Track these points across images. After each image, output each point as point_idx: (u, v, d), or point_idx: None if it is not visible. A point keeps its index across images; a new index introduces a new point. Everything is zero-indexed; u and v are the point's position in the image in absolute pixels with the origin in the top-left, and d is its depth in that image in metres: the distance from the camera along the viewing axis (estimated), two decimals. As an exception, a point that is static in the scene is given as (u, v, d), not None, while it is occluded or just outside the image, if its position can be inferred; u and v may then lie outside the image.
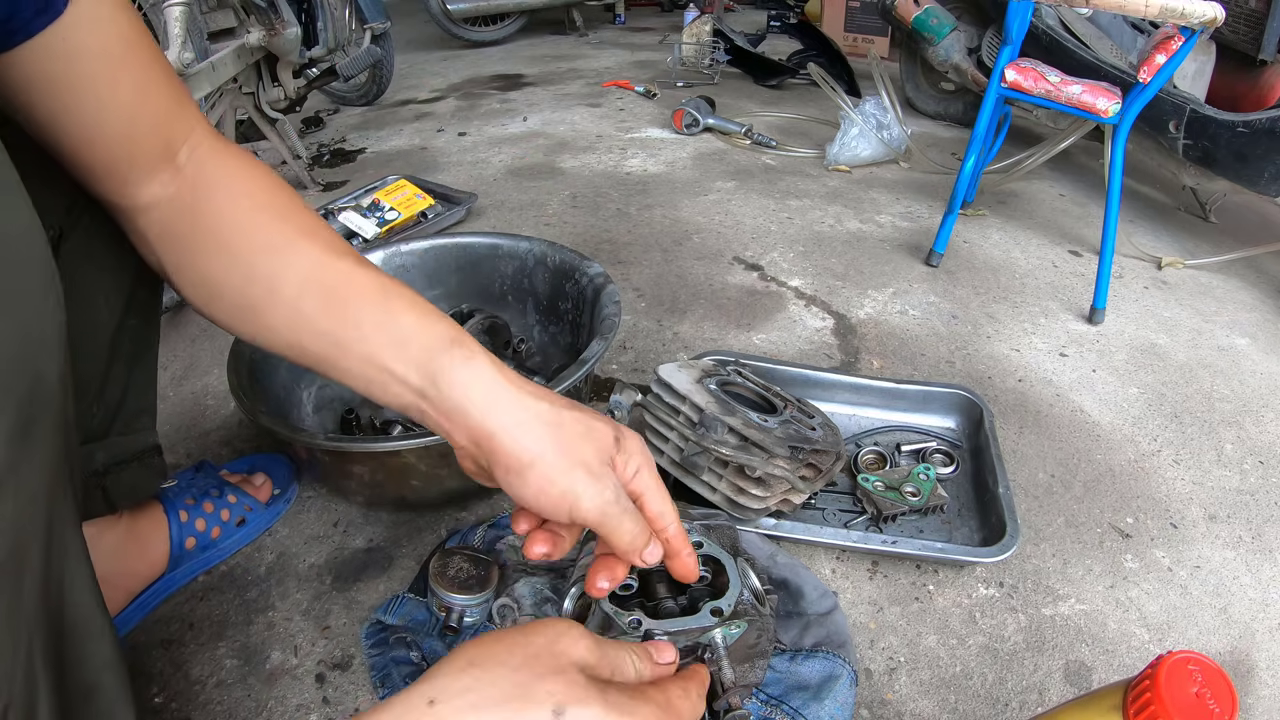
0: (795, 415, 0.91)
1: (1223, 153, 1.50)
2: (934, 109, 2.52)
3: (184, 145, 0.54)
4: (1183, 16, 1.12)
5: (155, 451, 0.73)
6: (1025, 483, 1.00)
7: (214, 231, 0.54)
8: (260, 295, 0.53)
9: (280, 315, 0.53)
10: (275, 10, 1.63)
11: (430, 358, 0.49)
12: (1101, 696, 0.46)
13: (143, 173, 0.52)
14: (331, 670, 0.73)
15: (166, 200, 0.53)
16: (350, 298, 0.52)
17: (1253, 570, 0.89)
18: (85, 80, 0.47)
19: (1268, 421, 1.15)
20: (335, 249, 0.54)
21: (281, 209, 0.55)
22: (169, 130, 0.53)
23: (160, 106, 0.52)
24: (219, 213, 0.54)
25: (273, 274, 0.53)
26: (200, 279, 0.55)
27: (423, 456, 0.79)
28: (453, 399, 0.48)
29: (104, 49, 0.48)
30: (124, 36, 0.49)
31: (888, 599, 0.83)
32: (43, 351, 0.39)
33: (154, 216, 0.54)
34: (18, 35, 0.43)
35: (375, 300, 0.51)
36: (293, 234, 0.54)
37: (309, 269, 0.53)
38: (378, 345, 0.50)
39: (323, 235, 0.55)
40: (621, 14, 4.23)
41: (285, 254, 0.53)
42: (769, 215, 1.76)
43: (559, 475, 0.46)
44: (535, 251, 1.11)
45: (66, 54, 0.46)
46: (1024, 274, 1.55)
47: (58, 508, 0.42)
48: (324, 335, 0.52)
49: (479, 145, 2.19)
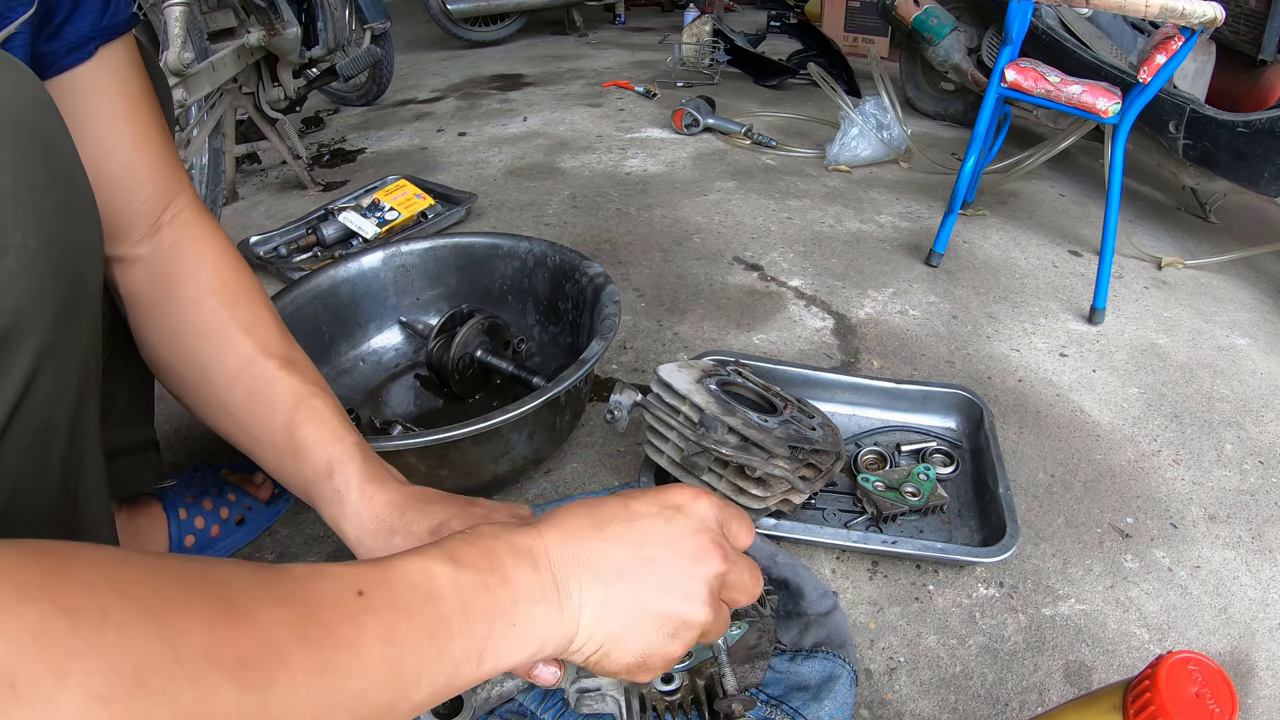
0: (795, 415, 0.91)
1: (1223, 153, 1.50)
2: (934, 109, 2.52)
3: (169, 206, 0.58)
4: (1183, 16, 1.12)
5: (152, 446, 0.73)
6: (1025, 483, 1.00)
7: (170, 309, 0.58)
8: (196, 382, 0.58)
9: (213, 403, 0.58)
10: (275, 10, 1.63)
11: (315, 480, 0.55)
12: (1101, 696, 0.46)
13: (128, 224, 0.56)
14: (331, 670, 0.73)
15: (142, 261, 0.57)
16: (266, 405, 0.56)
17: (1253, 570, 0.89)
18: (94, 119, 0.52)
19: (1268, 421, 1.15)
20: (267, 349, 0.57)
21: (230, 297, 0.58)
22: (158, 188, 0.57)
23: (155, 161, 0.56)
24: (179, 291, 0.58)
25: (207, 364, 0.57)
26: (153, 352, 0.59)
27: (423, 456, 0.79)
28: (327, 519, 0.55)
29: (115, 97, 0.53)
30: (133, 92, 0.55)
31: (888, 599, 0.83)
32: (89, 256, 0.45)
33: (128, 273, 0.58)
34: (51, 69, 0.50)
35: (286, 409, 0.55)
36: (232, 327, 0.57)
37: (237, 367, 0.56)
38: (282, 452, 0.55)
39: (260, 332, 0.58)
40: (621, 14, 4.23)
41: (221, 347, 0.57)
42: (769, 215, 1.76)
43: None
44: (535, 251, 1.11)
45: (84, 93, 0.52)
46: (1024, 274, 1.55)
47: (85, 403, 0.47)
48: (246, 433, 0.57)
49: (479, 145, 2.19)
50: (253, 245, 1.47)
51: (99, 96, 0.52)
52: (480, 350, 1.03)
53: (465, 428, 0.77)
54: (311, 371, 0.59)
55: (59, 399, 0.44)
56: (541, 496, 0.94)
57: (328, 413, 0.56)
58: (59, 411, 0.44)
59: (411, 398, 1.08)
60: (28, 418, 0.41)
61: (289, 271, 1.40)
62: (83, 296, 0.44)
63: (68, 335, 0.43)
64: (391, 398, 1.08)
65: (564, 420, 0.94)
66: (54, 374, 0.42)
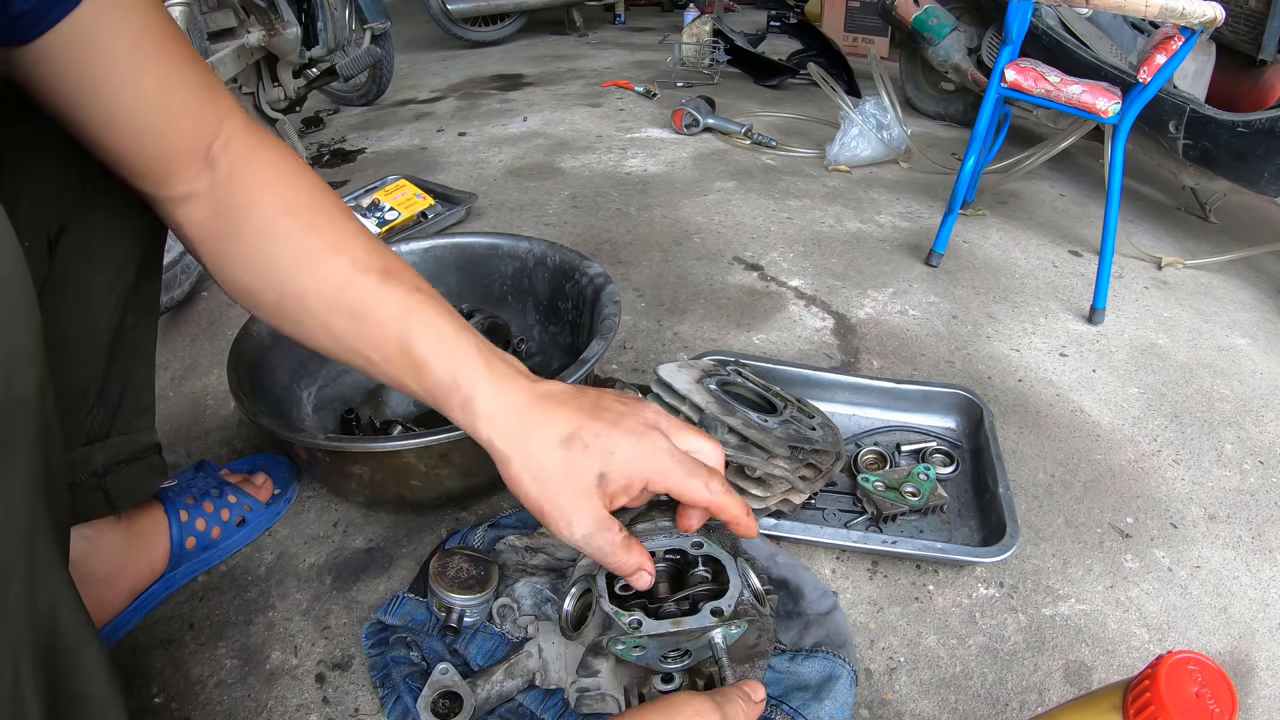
0: (795, 415, 0.91)
1: (1223, 153, 1.50)
2: (934, 109, 2.52)
3: (217, 138, 0.53)
4: (1183, 16, 1.12)
5: (155, 450, 0.73)
6: (1025, 483, 1.00)
7: (245, 237, 0.54)
8: (293, 309, 0.55)
9: (314, 329, 0.55)
10: (275, 10, 1.63)
11: (439, 394, 0.53)
12: (1101, 696, 0.46)
13: (175, 166, 0.52)
14: (331, 670, 0.73)
15: (201, 196, 0.53)
16: (373, 323, 0.53)
17: (1253, 570, 0.89)
18: (107, 72, 0.46)
19: (1268, 421, 1.15)
20: (361, 264, 0.54)
21: (311, 217, 0.55)
22: (200, 123, 0.52)
23: (189, 98, 0.51)
24: (249, 221, 0.54)
25: (302, 291, 0.54)
26: (237, 282, 0.56)
27: (423, 456, 0.79)
28: (462, 426, 0.54)
29: (126, 39, 0.47)
30: (147, 26, 0.48)
31: (888, 599, 0.83)
32: (15, 365, 0.37)
33: (189, 212, 0.54)
34: (37, 27, 0.43)
35: (396, 325, 0.53)
36: (321, 248, 0.54)
37: (335, 290, 0.54)
38: (399, 369, 0.54)
39: (350, 248, 0.55)
40: (621, 14, 4.23)
41: (313, 271, 0.54)
42: (769, 215, 1.76)
43: (536, 511, 0.53)
44: (535, 251, 1.11)
45: (87, 45, 0.45)
46: (1024, 274, 1.55)
47: (39, 522, 0.41)
48: (356, 352, 0.54)
49: (479, 145, 2.19)
50: (253, 245, 1.47)
51: (108, 40, 0.46)
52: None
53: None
54: (410, 275, 0.56)
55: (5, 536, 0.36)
56: (541, 496, 0.94)
57: (440, 320, 0.54)
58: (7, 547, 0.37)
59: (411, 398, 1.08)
60: None
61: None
62: (15, 411, 0.37)
63: (3, 469, 0.36)
64: (391, 397, 1.08)
65: (564, 420, 0.94)
66: None
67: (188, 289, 1.30)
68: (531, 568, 0.76)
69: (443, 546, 0.82)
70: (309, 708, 0.70)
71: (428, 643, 0.72)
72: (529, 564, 0.77)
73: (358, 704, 0.70)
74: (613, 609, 0.58)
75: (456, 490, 0.86)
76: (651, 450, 0.54)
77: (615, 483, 0.53)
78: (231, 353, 0.87)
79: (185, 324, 1.28)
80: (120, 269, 0.63)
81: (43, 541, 0.40)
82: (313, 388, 1.01)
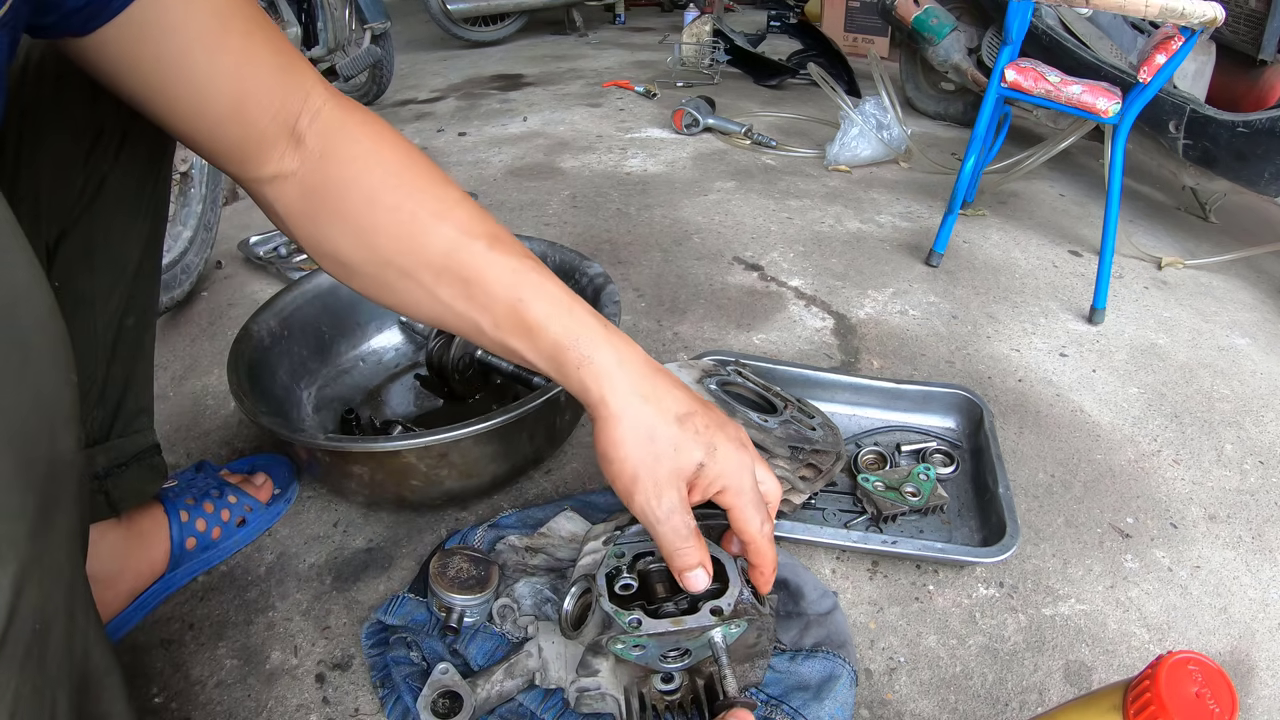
0: (795, 415, 0.91)
1: (1223, 153, 1.50)
2: (934, 109, 2.52)
3: (302, 114, 0.52)
4: (1183, 16, 1.12)
5: (155, 451, 0.73)
6: (1025, 483, 1.00)
7: (344, 213, 0.53)
8: (396, 278, 0.55)
9: (419, 296, 0.55)
10: (275, 10, 1.63)
11: (554, 354, 0.53)
12: (1101, 696, 0.46)
13: (261, 148, 0.51)
14: (331, 670, 0.73)
15: (291, 175, 0.52)
16: (483, 289, 0.53)
17: (1253, 570, 0.89)
18: (180, 57, 0.45)
19: (1268, 421, 1.15)
20: (468, 230, 0.54)
21: (410, 187, 0.54)
22: (282, 101, 0.50)
23: (268, 77, 0.49)
24: (349, 196, 0.53)
25: (409, 261, 0.54)
26: (334, 257, 0.55)
27: (423, 456, 0.79)
28: (572, 389, 0.54)
29: (197, 23, 0.45)
30: (218, 6, 0.46)
31: (888, 599, 0.83)
32: (59, 422, 0.36)
33: (280, 191, 0.53)
34: (100, 16, 0.42)
35: (507, 290, 0.53)
36: (425, 217, 0.54)
37: (443, 258, 0.53)
38: (510, 333, 0.54)
39: (454, 214, 0.55)
40: (621, 14, 4.23)
41: (419, 240, 0.53)
42: (769, 215, 1.76)
43: (626, 476, 0.53)
44: (535, 251, 1.11)
45: (156, 31, 0.43)
46: (1024, 274, 1.55)
47: (78, 572, 0.40)
48: (463, 318, 0.55)
49: (479, 145, 2.19)
50: (253, 245, 1.47)
51: (179, 24, 0.44)
52: (480, 350, 1.03)
53: (465, 428, 0.77)
54: (515, 241, 0.56)
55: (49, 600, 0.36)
56: (541, 497, 0.94)
57: (551, 285, 0.54)
58: (50, 610, 0.36)
59: (411, 398, 1.08)
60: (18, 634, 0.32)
61: (289, 271, 1.40)
62: (61, 471, 0.36)
63: (50, 532, 0.35)
64: (391, 398, 1.08)
65: (564, 420, 0.94)
66: (40, 582, 0.34)
67: (188, 289, 1.30)
68: (531, 568, 0.76)
69: (443, 546, 0.82)
70: (309, 708, 0.70)
71: (428, 643, 0.72)
72: (529, 564, 0.77)
73: (358, 704, 0.70)
74: (612, 608, 0.58)
75: (456, 490, 0.86)
76: (743, 465, 0.55)
77: (707, 477, 0.54)
78: (231, 353, 0.87)
79: (185, 324, 1.29)
80: (119, 272, 0.63)
81: (80, 590, 0.40)
82: (313, 388, 1.01)
